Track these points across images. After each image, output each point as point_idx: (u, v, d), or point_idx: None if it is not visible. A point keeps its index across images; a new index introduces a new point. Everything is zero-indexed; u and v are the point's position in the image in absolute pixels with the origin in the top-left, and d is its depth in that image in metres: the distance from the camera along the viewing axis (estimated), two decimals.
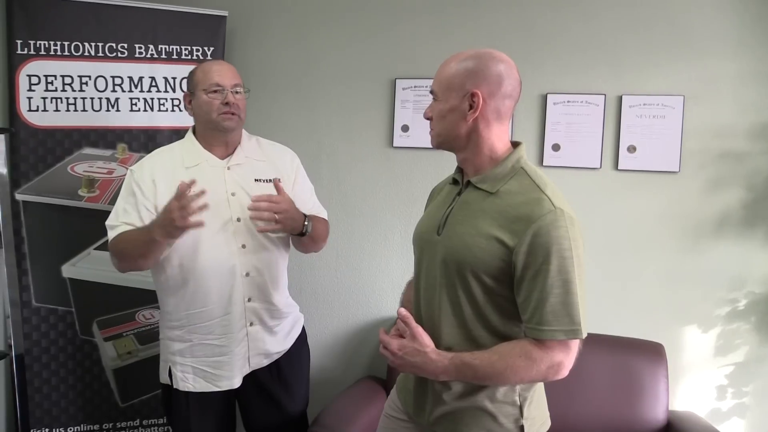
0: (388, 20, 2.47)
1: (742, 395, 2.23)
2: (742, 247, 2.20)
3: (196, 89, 1.74)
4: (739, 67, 2.18)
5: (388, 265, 2.52)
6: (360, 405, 2.13)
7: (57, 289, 2.28)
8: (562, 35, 2.31)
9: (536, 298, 1.16)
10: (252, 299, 1.77)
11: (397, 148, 2.48)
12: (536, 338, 1.18)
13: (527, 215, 1.17)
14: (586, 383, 2.12)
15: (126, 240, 1.68)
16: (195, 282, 1.71)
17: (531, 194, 1.21)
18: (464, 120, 1.24)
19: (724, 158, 2.21)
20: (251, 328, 1.78)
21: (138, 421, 2.37)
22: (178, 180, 1.67)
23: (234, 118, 1.73)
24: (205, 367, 1.77)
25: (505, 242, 1.19)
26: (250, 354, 1.80)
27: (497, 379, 1.21)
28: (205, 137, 1.77)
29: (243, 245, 1.74)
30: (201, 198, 1.53)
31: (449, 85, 1.25)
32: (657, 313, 2.28)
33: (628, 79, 2.27)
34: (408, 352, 1.25)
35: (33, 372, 2.26)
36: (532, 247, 1.16)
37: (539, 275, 1.15)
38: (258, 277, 1.77)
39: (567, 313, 1.15)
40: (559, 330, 1.16)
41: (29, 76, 2.22)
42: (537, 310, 1.16)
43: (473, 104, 1.23)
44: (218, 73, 1.72)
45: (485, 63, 1.24)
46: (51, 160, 2.26)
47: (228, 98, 1.70)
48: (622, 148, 2.28)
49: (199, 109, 1.73)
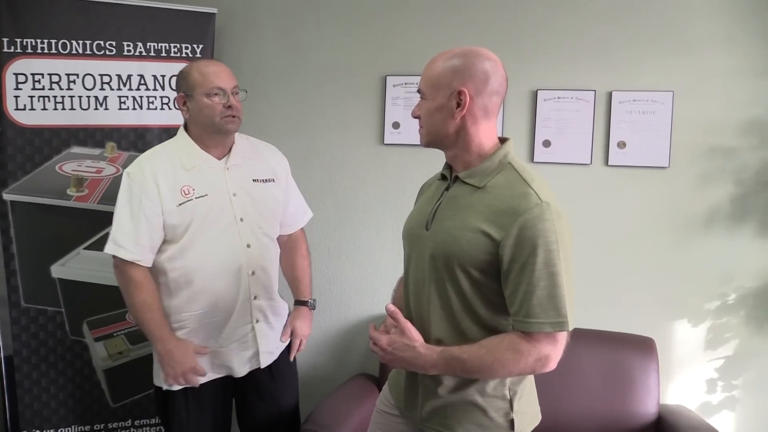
0: (378, 17, 2.46)
1: (732, 388, 2.25)
2: (732, 241, 2.22)
3: (193, 92, 1.70)
4: (728, 63, 2.19)
5: (380, 262, 2.52)
6: (352, 402, 2.13)
7: (46, 289, 2.26)
8: (553, 31, 2.32)
9: (523, 291, 1.17)
10: (258, 297, 1.78)
11: (388, 145, 2.48)
12: (523, 331, 1.19)
13: (514, 209, 1.18)
14: (578, 378, 2.13)
15: (135, 295, 1.70)
16: (201, 283, 1.71)
17: (518, 188, 1.21)
18: (452, 118, 1.25)
19: (713, 154, 2.22)
20: (257, 325, 1.80)
21: (130, 422, 2.36)
22: (179, 182, 1.70)
23: (236, 120, 1.72)
24: (209, 356, 1.77)
25: (492, 236, 1.19)
26: (260, 350, 1.81)
27: (486, 372, 1.22)
28: (203, 139, 1.75)
29: (248, 245, 1.75)
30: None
31: (436, 84, 1.26)
32: (647, 307, 2.29)
33: (618, 75, 2.28)
34: (397, 347, 1.26)
35: (23, 373, 2.24)
36: (519, 240, 1.16)
37: (526, 268, 1.16)
38: (263, 275, 1.79)
39: (554, 305, 1.16)
40: (546, 322, 1.16)
41: (16, 75, 2.19)
42: (524, 303, 1.17)
43: (460, 102, 1.23)
44: (217, 76, 1.70)
45: (471, 61, 1.24)
46: (39, 160, 2.24)
47: (231, 102, 1.70)
48: (612, 143, 2.29)
49: (200, 112, 1.71)
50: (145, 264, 1.71)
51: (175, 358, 1.69)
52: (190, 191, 1.70)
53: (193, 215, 1.69)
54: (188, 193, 1.70)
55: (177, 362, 1.69)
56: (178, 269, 1.71)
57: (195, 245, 1.70)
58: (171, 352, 1.70)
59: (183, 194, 1.70)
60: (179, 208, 1.69)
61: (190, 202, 1.69)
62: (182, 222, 1.69)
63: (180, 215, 1.69)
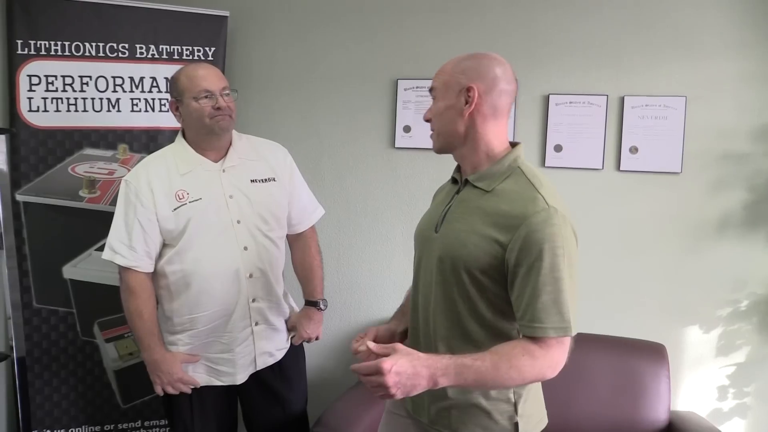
0: (389, 21, 2.47)
1: (744, 395, 2.24)
2: (744, 248, 2.21)
3: (183, 96, 1.71)
4: (741, 68, 2.18)
5: (390, 266, 2.52)
6: (362, 405, 2.12)
7: (58, 290, 2.27)
8: (565, 36, 2.31)
9: (528, 295, 1.16)
10: (257, 299, 1.77)
11: (399, 148, 2.48)
12: (529, 336, 1.18)
13: (521, 213, 1.18)
14: (588, 383, 2.12)
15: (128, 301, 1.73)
16: (199, 286, 1.71)
17: (526, 193, 1.21)
18: (461, 116, 1.26)
19: (726, 159, 2.21)
20: (257, 328, 1.79)
21: (140, 423, 2.37)
22: (174, 187, 1.70)
23: (226, 117, 1.72)
24: (209, 363, 1.77)
25: (499, 240, 1.19)
26: (256, 353, 1.80)
27: (500, 379, 1.18)
28: (198, 142, 1.76)
29: (245, 247, 1.74)
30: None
31: (447, 83, 1.27)
32: (659, 313, 2.28)
33: (631, 80, 2.27)
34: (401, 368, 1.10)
35: (34, 373, 2.26)
36: (525, 244, 1.16)
37: (531, 272, 1.16)
38: (261, 278, 1.77)
39: (558, 310, 1.16)
40: (551, 327, 1.16)
41: (30, 77, 2.21)
42: (529, 308, 1.17)
43: (469, 99, 1.24)
44: (205, 79, 1.70)
45: (480, 61, 1.27)
46: (52, 161, 2.25)
47: (219, 103, 1.69)
48: (624, 149, 2.28)
49: (190, 116, 1.71)
50: (143, 270, 1.72)
51: (161, 368, 1.72)
52: (184, 195, 1.71)
53: (188, 219, 1.69)
54: (182, 197, 1.71)
55: (163, 372, 1.72)
56: (177, 273, 1.72)
57: (191, 249, 1.70)
58: (157, 362, 1.72)
59: (177, 199, 1.70)
60: (174, 213, 1.70)
61: (185, 207, 1.70)
62: (177, 226, 1.70)
63: (175, 220, 1.70)
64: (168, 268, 1.72)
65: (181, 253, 1.70)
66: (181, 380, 1.73)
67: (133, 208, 1.70)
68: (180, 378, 1.73)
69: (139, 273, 1.72)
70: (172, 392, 1.75)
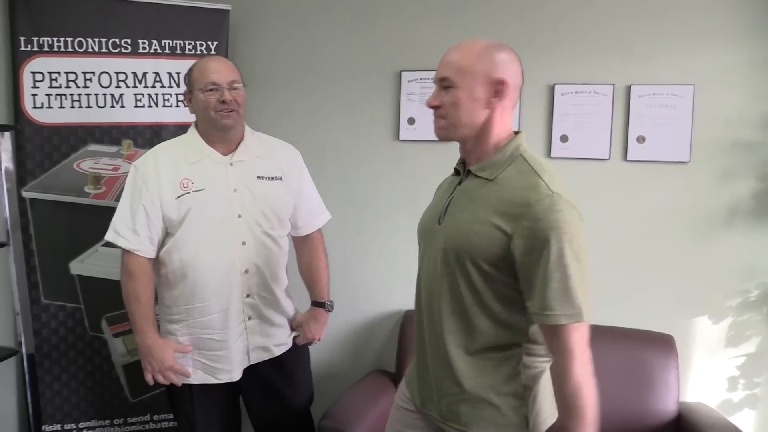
0: (392, 12, 2.44)
1: (754, 386, 2.22)
2: (753, 237, 2.18)
3: (193, 88, 1.73)
4: (750, 55, 2.15)
5: (395, 259, 2.51)
6: (369, 398, 2.13)
7: (65, 285, 2.28)
8: (571, 24, 2.28)
9: (538, 284, 1.15)
10: (251, 295, 1.77)
11: (404, 141, 2.47)
12: (542, 324, 1.17)
13: (525, 201, 1.16)
14: (597, 374, 2.06)
15: (127, 284, 1.74)
16: (194, 277, 1.71)
17: (529, 180, 1.20)
18: (485, 107, 1.24)
19: (734, 148, 2.18)
20: (249, 323, 1.79)
21: (148, 416, 2.38)
22: (180, 175, 1.71)
23: (232, 114, 1.72)
24: (204, 359, 1.77)
25: (503, 228, 1.18)
26: (249, 348, 1.80)
27: (583, 411, 1.22)
28: (207, 134, 1.77)
29: (243, 242, 1.74)
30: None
31: (470, 72, 1.23)
32: (667, 304, 2.26)
33: (637, 69, 2.24)
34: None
35: (43, 369, 2.27)
36: (531, 232, 1.15)
37: (540, 261, 1.14)
38: (257, 274, 1.77)
39: (568, 296, 1.14)
40: (563, 314, 1.14)
41: (33, 73, 2.21)
42: (539, 296, 1.15)
43: (498, 91, 1.23)
44: (214, 71, 1.71)
45: (504, 52, 1.26)
46: (57, 157, 2.26)
47: (224, 96, 1.69)
48: (631, 138, 2.25)
49: (198, 107, 1.74)
50: (144, 254, 1.73)
51: (153, 354, 1.72)
52: (188, 184, 1.72)
53: (190, 208, 1.70)
54: (187, 186, 1.71)
55: (155, 359, 1.72)
56: (175, 262, 1.72)
57: (190, 239, 1.70)
58: (150, 347, 1.72)
59: (182, 187, 1.71)
60: (177, 200, 1.70)
61: (188, 195, 1.71)
62: (179, 215, 1.70)
63: (177, 208, 1.70)
64: (167, 257, 1.73)
65: (179, 242, 1.71)
66: (171, 369, 1.73)
67: (139, 192, 1.71)
68: (170, 366, 1.72)
69: (140, 257, 1.72)
70: (163, 381, 1.74)
